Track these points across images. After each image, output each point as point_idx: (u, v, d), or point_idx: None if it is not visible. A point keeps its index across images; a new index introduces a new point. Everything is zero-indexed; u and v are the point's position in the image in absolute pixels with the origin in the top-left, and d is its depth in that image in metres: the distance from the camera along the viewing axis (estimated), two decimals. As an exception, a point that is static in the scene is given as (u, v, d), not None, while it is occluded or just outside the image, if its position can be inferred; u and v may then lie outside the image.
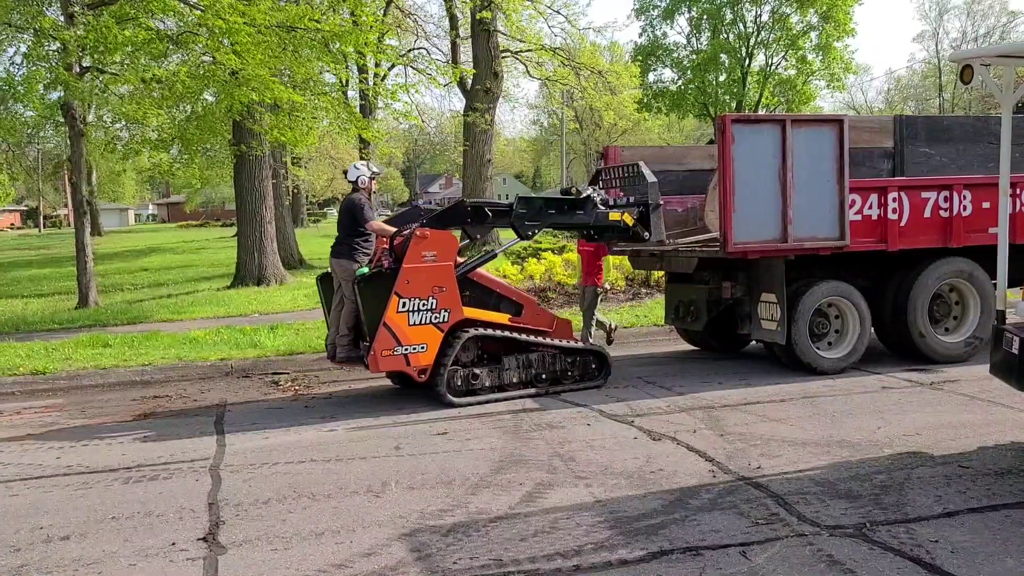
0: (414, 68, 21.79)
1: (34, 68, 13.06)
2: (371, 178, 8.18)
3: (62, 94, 13.05)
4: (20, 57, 13.27)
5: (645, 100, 42.14)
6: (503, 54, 24.36)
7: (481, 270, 8.09)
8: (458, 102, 48.58)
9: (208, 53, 13.78)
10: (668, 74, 45.51)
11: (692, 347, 10.34)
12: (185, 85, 13.20)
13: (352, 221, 7.90)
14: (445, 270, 7.40)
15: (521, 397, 7.70)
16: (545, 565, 4.01)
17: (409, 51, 24.92)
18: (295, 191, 38.76)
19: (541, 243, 15.55)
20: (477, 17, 22.09)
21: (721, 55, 42.38)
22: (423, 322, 7.30)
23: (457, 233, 7.82)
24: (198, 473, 5.73)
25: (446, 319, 7.39)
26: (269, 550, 4.32)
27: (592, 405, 7.39)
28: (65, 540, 4.56)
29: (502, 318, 7.89)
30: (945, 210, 8.66)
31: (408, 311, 7.25)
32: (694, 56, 43.38)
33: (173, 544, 4.44)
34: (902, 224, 8.52)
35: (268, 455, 6.12)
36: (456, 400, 7.46)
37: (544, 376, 7.91)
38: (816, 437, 6.17)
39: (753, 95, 43.13)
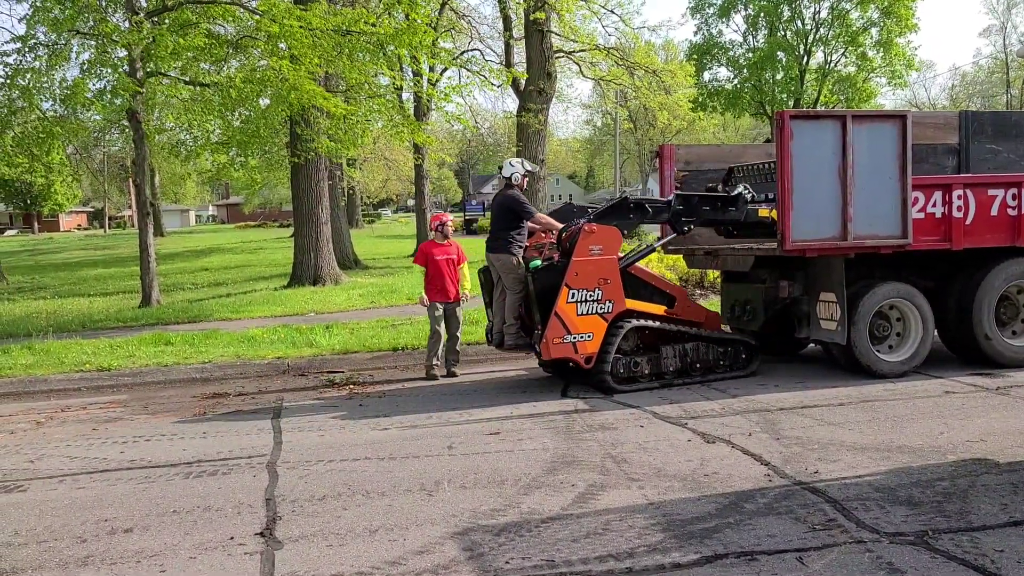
0: (467, 70, 21.93)
1: (102, 76, 13.46)
2: (524, 176, 8.55)
3: (128, 97, 13.41)
4: (88, 64, 13.60)
5: (700, 99, 41.68)
6: (556, 54, 24.32)
7: (639, 265, 8.44)
8: (511, 103, 48.65)
9: (265, 58, 14.06)
10: (724, 73, 44.95)
11: (747, 349, 10.17)
12: (239, 90, 13.46)
13: (511, 215, 8.27)
14: (610, 263, 7.79)
15: (677, 385, 8.06)
16: (597, 567, 3.99)
17: (462, 53, 25.05)
18: (350, 192, 39.26)
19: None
20: (531, 18, 22.10)
21: (778, 53, 41.65)
22: (590, 312, 7.69)
23: None
24: (255, 469, 5.84)
25: (610, 309, 7.77)
26: (324, 546, 4.38)
27: (645, 407, 7.33)
28: (128, 532, 4.68)
29: (659, 309, 8.25)
30: (1013, 208, 8.39)
31: (576, 301, 7.65)
32: (750, 54, 42.71)
33: (231, 538, 4.53)
34: (967, 223, 8.27)
35: (323, 452, 6.20)
36: (618, 387, 7.82)
37: (698, 365, 8.22)
38: (876, 442, 6.02)
39: (811, 93, 42.30)
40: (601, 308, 7.76)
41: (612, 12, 25.56)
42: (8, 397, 8.95)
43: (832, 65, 42.62)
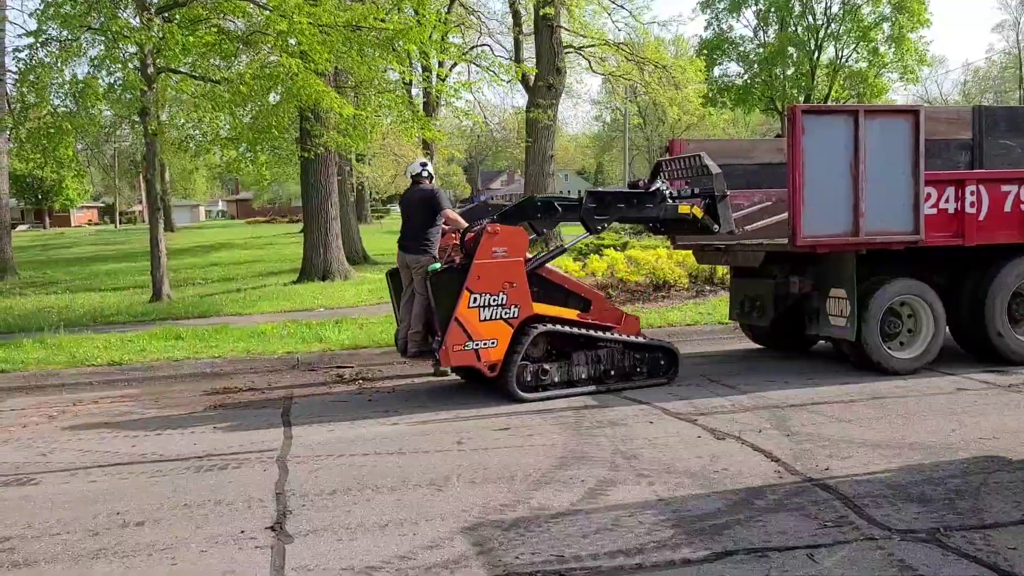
0: (477, 65, 21.90)
1: (114, 72, 13.49)
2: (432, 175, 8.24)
3: (137, 95, 13.45)
4: (97, 60, 13.63)
5: (710, 95, 41.55)
6: (566, 50, 24.29)
7: (549, 265, 8.10)
8: (521, 98, 48.65)
9: (275, 53, 14.07)
10: (734, 68, 44.77)
11: (757, 346, 10.15)
12: (249, 86, 13.48)
13: (426, 212, 7.91)
14: (515, 266, 7.43)
15: (589, 393, 7.67)
16: (607, 563, 3.98)
17: (472, 48, 25.05)
18: (359, 188, 39.30)
19: (604, 239, 15.44)
20: (540, 13, 22.08)
21: (789, 48, 41.45)
22: (494, 317, 7.34)
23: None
24: (266, 463, 5.86)
25: (516, 314, 7.43)
26: (334, 540, 4.39)
27: (655, 403, 7.32)
28: (140, 526, 4.70)
29: (571, 314, 7.89)
30: (1027, 204, 8.32)
31: (479, 306, 7.29)
32: (761, 49, 42.54)
33: (242, 532, 4.54)
34: (980, 218, 8.23)
35: (333, 447, 6.22)
36: (525, 395, 7.48)
37: (612, 372, 7.87)
38: (887, 439, 5.99)
39: (822, 88, 42.12)
40: (506, 313, 7.37)
41: (622, 7, 25.53)
42: (21, 391, 9.00)
43: (843, 60, 42.42)
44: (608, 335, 7.91)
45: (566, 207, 7.97)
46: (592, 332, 7.83)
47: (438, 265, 7.59)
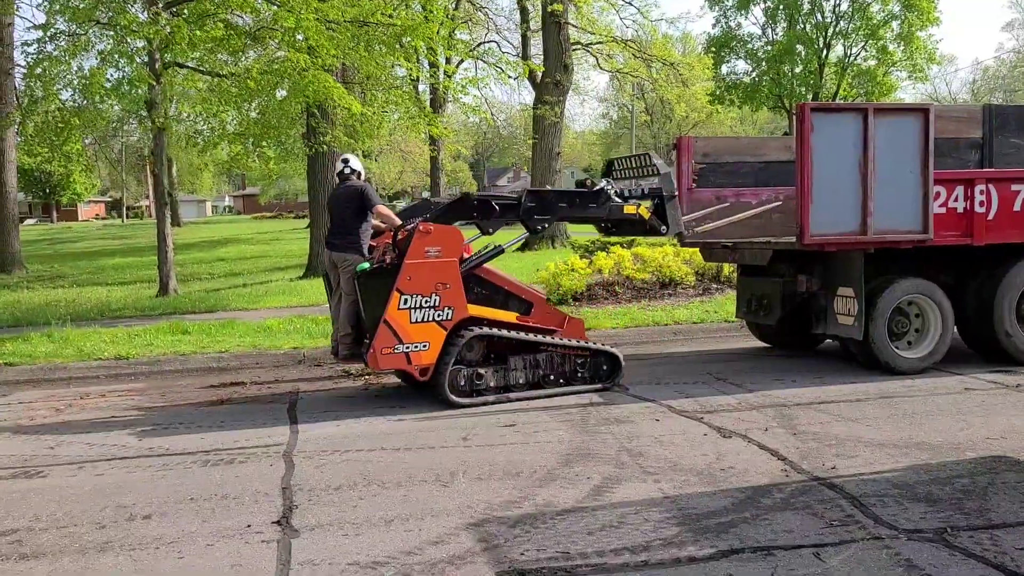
0: (484, 62, 21.89)
1: (122, 66, 13.52)
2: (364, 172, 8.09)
3: (145, 90, 13.48)
4: (105, 54, 13.67)
5: (718, 92, 41.44)
6: (574, 47, 24.26)
7: (490, 267, 7.85)
8: (528, 95, 48.54)
9: (282, 49, 14.08)
10: (742, 66, 44.59)
11: (763, 344, 10.13)
12: (256, 81, 13.49)
13: (356, 208, 7.65)
14: (449, 266, 7.16)
15: (527, 399, 7.42)
16: (613, 560, 3.98)
17: (479, 45, 25.03)
18: (367, 183, 39.33)
19: (611, 237, 15.41)
20: (548, 9, 22.05)
21: (797, 46, 41.26)
22: (425, 319, 7.07)
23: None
24: (272, 458, 5.87)
25: (449, 317, 7.15)
26: (340, 535, 4.40)
27: (661, 401, 7.31)
28: (147, 519, 4.72)
29: (510, 317, 7.63)
30: (1036, 204, 8.28)
31: (410, 308, 7.03)
32: (769, 47, 42.38)
33: (248, 526, 4.55)
34: (989, 218, 8.18)
35: (339, 443, 6.23)
36: (458, 400, 7.22)
37: (552, 377, 7.63)
38: (894, 438, 5.98)
39: (830, 87, 41.96)
40: (439, 315, 7.10)
41: (630, 4, 25.48)
42: (28, 384, 9.03)
43: (852, 58, 42.24)
44: (547, 339, 7.64)
45: (504, 206, 7.64)
46: (529, 336, 7.55)
47: (367, 265, 7.35)
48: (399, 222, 7.66)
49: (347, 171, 7.88)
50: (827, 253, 8.15)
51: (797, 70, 41.96)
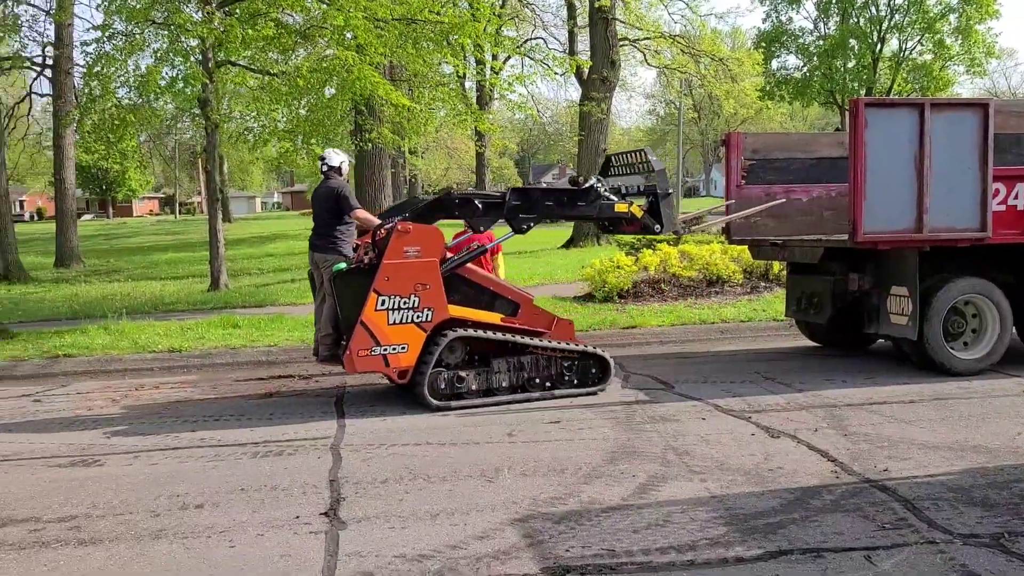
0: (531, 58, 21.87)
1: (174, 64, 13.80)
2: (350, 165, 8.04)
3: (198, 88, 13.74)
4: (160, 53, 13.99)
5: (768, 88, 40.83)
6: (621, 43, 24.10)
7: (474, 267, 7.69)
8: (574, 92, 48.43)
9: (331, 47, 14.24)
10: (793, 61, 43.96)
11: (813, 343, 9.96)
12: (306, 79, 13.66)
13: (335, 208, 7.64)
14: (429, 266, 6.98)
15: (509, 403, 7.22)
16: (658, 558, 3.96)
17: (526, 41, 25.01)
18: (412, 180, 39.62)
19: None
20: (596, 5, 21.94)
21: (850, 40, 40.46)
22: (404, 321, 6.90)
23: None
24: (320, 451, 5.95)
25: (429, 318, 6.98)
26: (387, 528, 4.44)
27: (707, 399, 7.23)
28: (199, 508, 4.82)
29: (493, 318, 7.39)
30: (1100, 202, 8.01)
31: (387, 309, 6.86)
32: (821, 42, 41.63)
33: (297, 517, 4.62)
34: (1051, 216, 7.94)
35: (385, 436, 6.28)
36: (438, 404, 7.04)
37: (537, 380, 7.39)
38: (949, 441, 5.84)
39: (884, 82, 41.07)
40: (418, 316, 6.91)
41: (679, -1, 25.19)
42: (86, 375, 9.28)
43: (907, 53, 41.28)
44: (531, 341, 7.39)
45: (488, 204, 7.43)
46: (513, 337, 7.32)
47: (343, 265, 7.28)
48: (377, 223, 7.48)
49: (324, 168, 7.90)
50: (880, 251, 7.99)
51: (850, 65, 41.15)
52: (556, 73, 20.66)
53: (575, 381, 7.52)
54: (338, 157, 8.02)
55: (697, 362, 9.13)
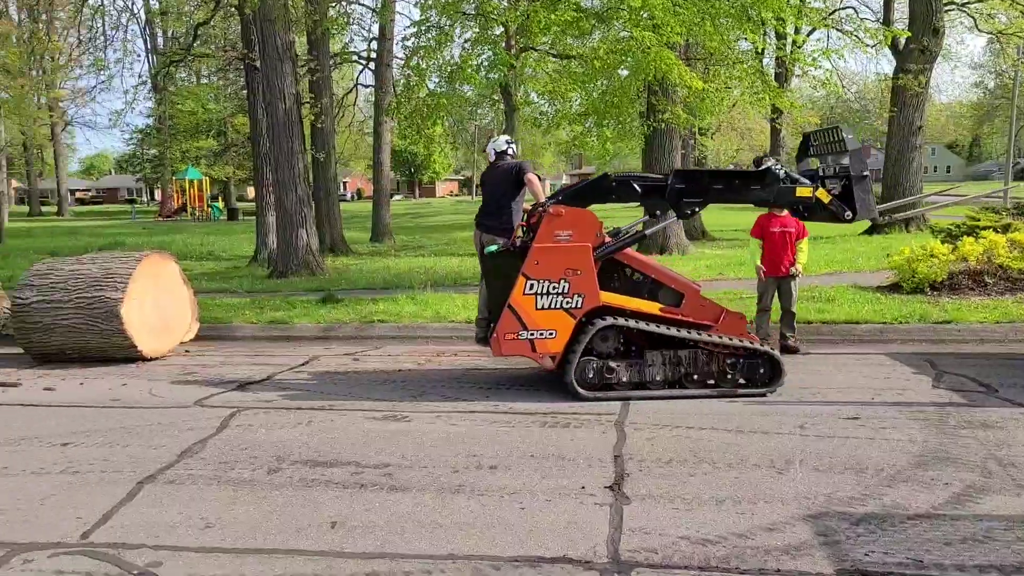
0: (839, 30, 20.40)
1: (481, 52, 14.69)
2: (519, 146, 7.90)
3: (502, 75, 14.49)
4: (470, 41, 14.97)
5: None
6: (947, 7, 21.73)
7: (635, 253, 7.22)
8: (887, 64, 44.58)
9: (627, 28, 14.30)
10: None
11: None
12: (603, 61, 13.83)
13: (509, 185, 7.59)
14: (581, 251, 6.70)
15: (662, 398, 6.78)
16: (976, 577, 3.55)
17: (833, 12, 23.34)
18: (702, 161, 38.86)
19: (980, 220, 13.63)
20: (917, -33, 19.93)
21: None
22: (552, 306, 6.71)
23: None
24: (604, 426, 6.05)
25: (579, 304, 6.72)
26: (671, 508, 4.41)
27: (1040, 407, 6.34)
28: (493, 469, 5.12)
29: (652, 307, 6.97)
30: None
31: (536, 294, 6.70)
32: None
33: (583, 487, 4.75)
34: None
35: (669, 418, 6.24)
36: (584, 393, 6.78)
37: (695, 376, 6.90)
38: None
39: None
40: (567, 303, 6.66)
41: (1019, -47, 22.18)
42: (395, 340, 10.22)
43: None
44: (690, 334, 6.87)
45: (648, 188, 7.03)
46: (668, 329, 6.85)
47: (495, 247, 7.11)
48: (543, 198, 7.33)
49: (492, 155, 7.99)
50: None
51: None
52: (868, 45, 19.04)
53: (740, 379, 6.98)
54: (505, 142, 8.13)
55: (1026, 365, 8.04)
